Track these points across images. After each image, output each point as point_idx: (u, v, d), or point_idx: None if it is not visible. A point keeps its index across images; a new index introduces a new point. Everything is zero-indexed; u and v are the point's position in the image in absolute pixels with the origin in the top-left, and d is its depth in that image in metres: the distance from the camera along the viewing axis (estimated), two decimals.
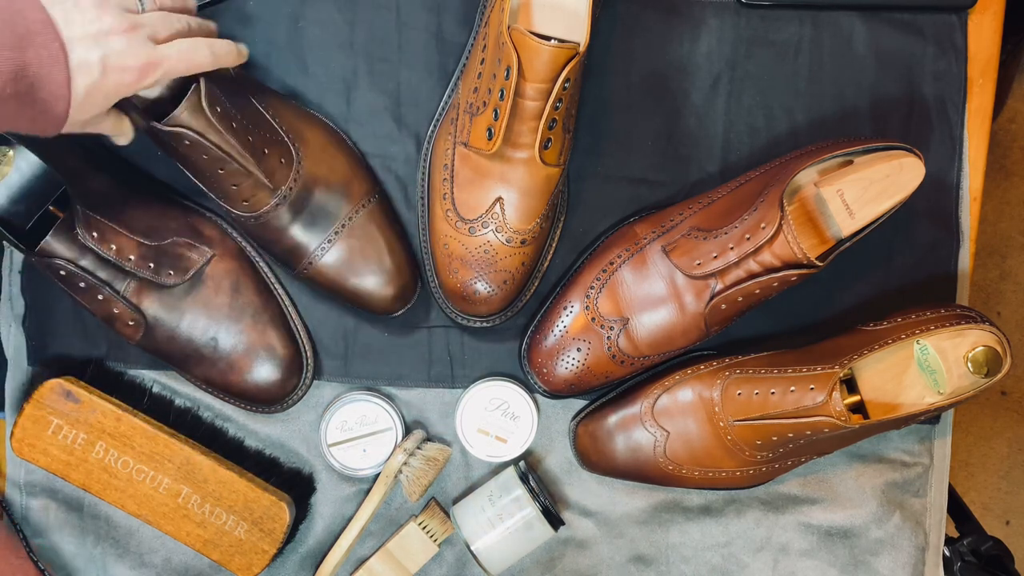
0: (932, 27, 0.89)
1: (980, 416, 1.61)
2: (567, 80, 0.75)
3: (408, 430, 0.88)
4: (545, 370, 0.85)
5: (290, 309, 0.87)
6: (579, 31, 0.78)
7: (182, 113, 0.77)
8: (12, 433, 0.83)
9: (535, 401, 0.88)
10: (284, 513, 0.84)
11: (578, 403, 0.89)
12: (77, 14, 0.65)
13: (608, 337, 0.83)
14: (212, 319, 0.83)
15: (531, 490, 0.84)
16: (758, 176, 0.84)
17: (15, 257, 0.89)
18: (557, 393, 0.86)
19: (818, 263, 0.76)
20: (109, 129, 0.73)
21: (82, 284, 0.80)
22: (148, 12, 0.70)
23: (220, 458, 0.85)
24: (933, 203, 0.89)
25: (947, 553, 0.90)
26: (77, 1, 0.65)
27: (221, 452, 0.86)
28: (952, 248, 0.89)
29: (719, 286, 0.80)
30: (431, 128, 0.88)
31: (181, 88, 0.81)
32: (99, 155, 0.86)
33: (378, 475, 0.87)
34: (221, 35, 0.88)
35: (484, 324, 0.86)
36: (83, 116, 0.66)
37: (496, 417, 0.87)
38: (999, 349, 0.79)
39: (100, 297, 0.81)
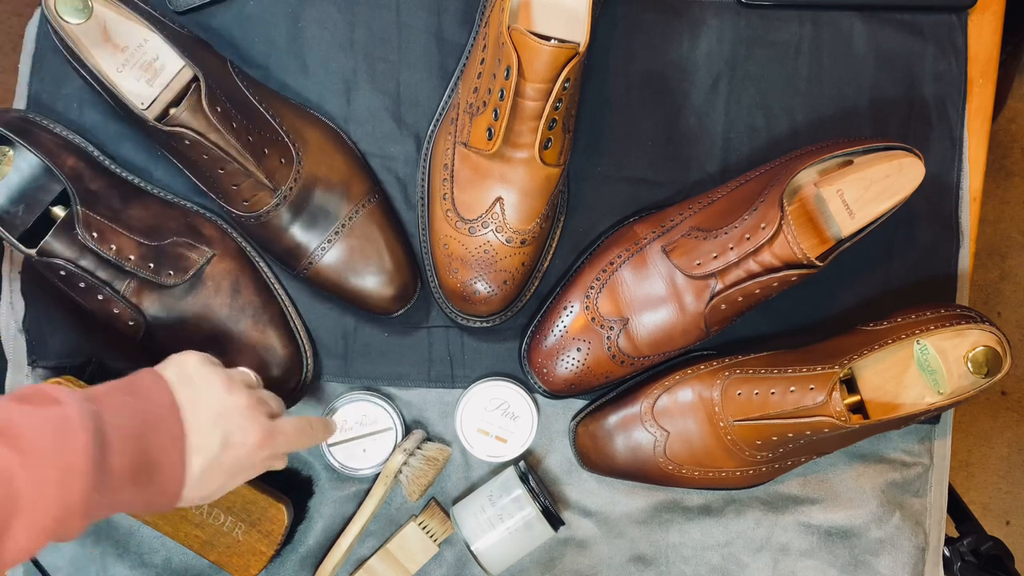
0: (932, 27, 0.89)
1: (980, 416, 1.61)
2: (567, 80, 0.75)
3: (408, 430, 0.88)
4: (545, 370, 0.85)
5: (290, 309, 0.87)
6: (579, 31, 0.78)
7: (182, 113, 0.77)
8: None
9: (535, 401, 0.88)
10: (282, 515, 0.84)
11: (578, 403, 0.89)
12: (206, 393, 0.66)
13: (608, 337, 0.83)
14: (212, 319, 0.83)
15: (531, 490, 0.84)
16: (758, 176, 0.84)
17: (15, 257, 0.89)
18: (557, 393, 0.86)
19: (818, 263, 0.76)
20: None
21: (82, 284, 0.80)
22: (262, 389, 0.73)
23: None
24: (933, 203, 0.89)
25: (947, 553, 0.90)
26: (208, 379, 0.67)
27: None
28: (952, 248, 0.89)
29: (719, 286, 0.80)
30: (431, 128, 0.88)
31: (181, 88, 0.81)
32: (99, 155, 0.86)
33: (378, 475, 0.87)
34: (221, 35, 0.88)
35: (484, 324, 0.86)
36: (199, 494, 0.66)
37: (496, 417, 0.87)
38: (999, 349, 0.79)
39: (100, 297, 0.81)
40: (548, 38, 0.75)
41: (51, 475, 0.55)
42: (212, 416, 0.66)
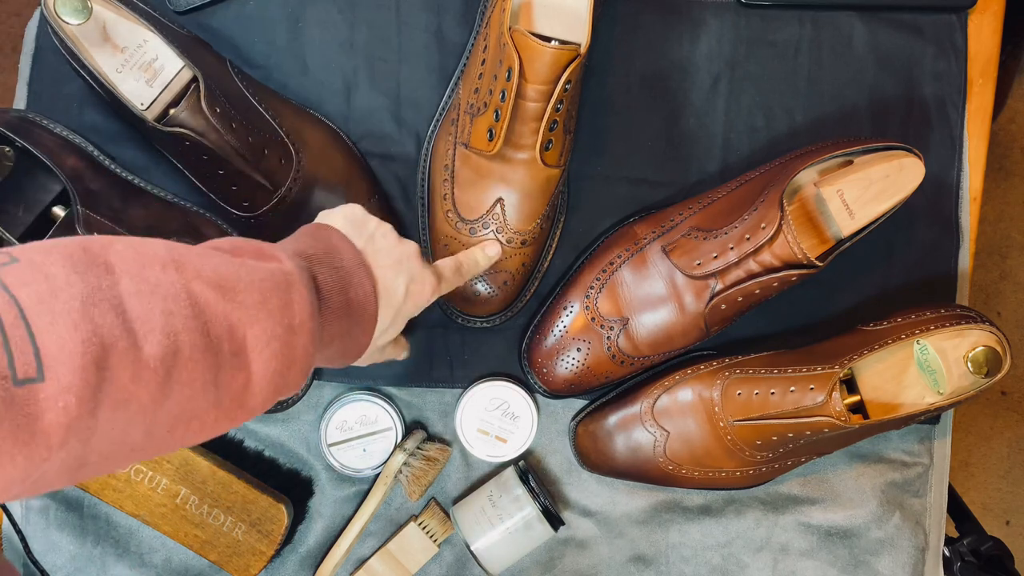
0: (932, 27, 0.89)
1: (980, 416, 1.61)
2: (568, 82, 0.75)
3: (408, 430, 0.88)
4: (545, 370, 0.85)
5: None
6: (580, 32, 0.78)
7: (182, 113, 0.77)
8: None
9: (535, 401, 0.88)
10: (282, 515, 0.84)
11: (578, 403, 0.89)
12: (382, 244, 0.68)
13: (608, 337, 0.83)
14: None
15: (531, 490, 0.84)
16: (758, 176, 0.84)
17: None
18: (557, 393, 0.86)
19: (818, 263, 0.76)
20: (391, 354, 0.78)
21: None
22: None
23: (219, 459, 0.85)
24: (933, 203, 0.89)
25: (947, 553, 0.90)
26: (381, 230, 0.69)
27: (220, 453, 0.86)
28: (952, 248, 0.89)
29: (719, 286, 0.80)
30: (431, 128, 0.88)
31: (181, 88, 0.81)
32: (99, 155, 0.86)
33: (378, 475, 0.87)
34: (221, 35, 0.88)
35: (484, 324, 0.86)
36: (382, 341, 0.69)
37: (496, 417, 0.87)
38: (999, 349, 0.79)
39: None
40: (549, 39, 0.75)
41: (276, 331, 0.55)
42: (392, 265, 0.68)
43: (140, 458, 0.51)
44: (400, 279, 0.68)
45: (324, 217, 0.70)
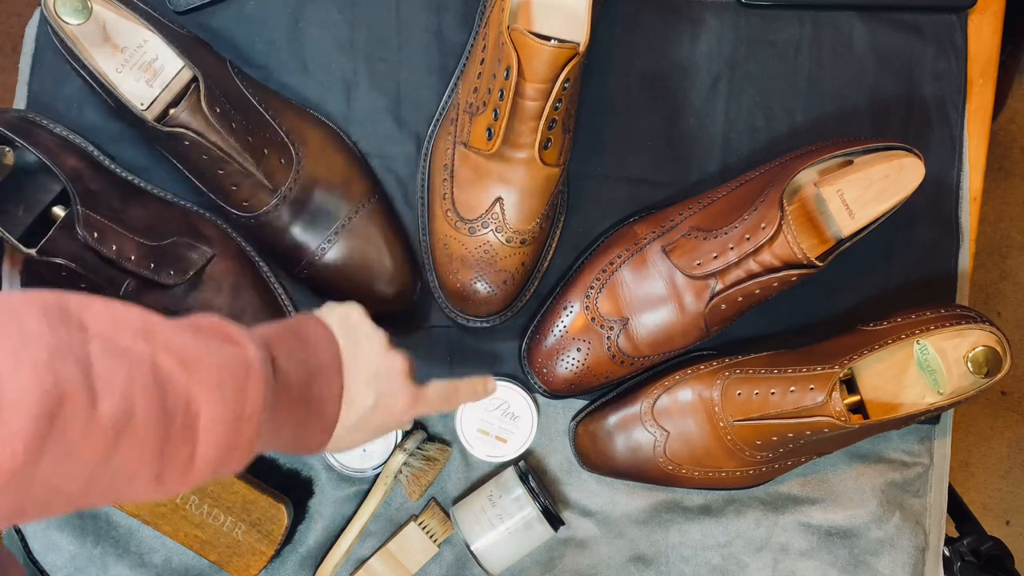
0: (932, 27, 0.89)
1: (980, 416, 1.61)
2: (567, 80, 0.75)
3: (408, 430, 0.88)
4: (545, 370, 0.85)
5: (290, 309, 0.87)
6: (579, 31, 0.78)
7: (182, 113, 0.77)
8: None
9: (535, 401, 0.88)
10: (282, 515, 0.84)
11: (578, 403, 0.89)
12: (366, 350, 0.67)
13: (608, 337, 0.83)
14: None
15: (531, 490, 0.84)
16: (758, 176, 0.84)
17: (15, 257, 0.88)
18: (557, 393, 0.86)
19: (818, 263, 0.76)
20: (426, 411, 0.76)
21: (82, 284, 0.80)
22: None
23: None
24: (933, 203, 0.89)
25: (947, 553, 0.90)
26: (369, 337, 0.68)
27: None
28: (952, 248, 0.89)
29: (719, 286, 0.80)
30: (431, 128, 0.88)
31: (181, 88, 0.81)
32: (99, 155, 0.86)
33: (378, 475, 0.87)
34: (221, 35, 0.88)
35: (484, 324, 0.86)
36: (339, 445, 0.68)
37: (496, 417, 0.87)
38: (999, 349, 0.79)
39: None
40: (548, 38, 0.75)
41: (226, 416, 0.56)
42: (369, 375, 0.67)
43: (77, 508, 0.53)
44: (371, 389, 0.67)
45: (325, 310, 0.70)
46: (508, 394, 0.87)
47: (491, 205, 0.81)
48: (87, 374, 0.49)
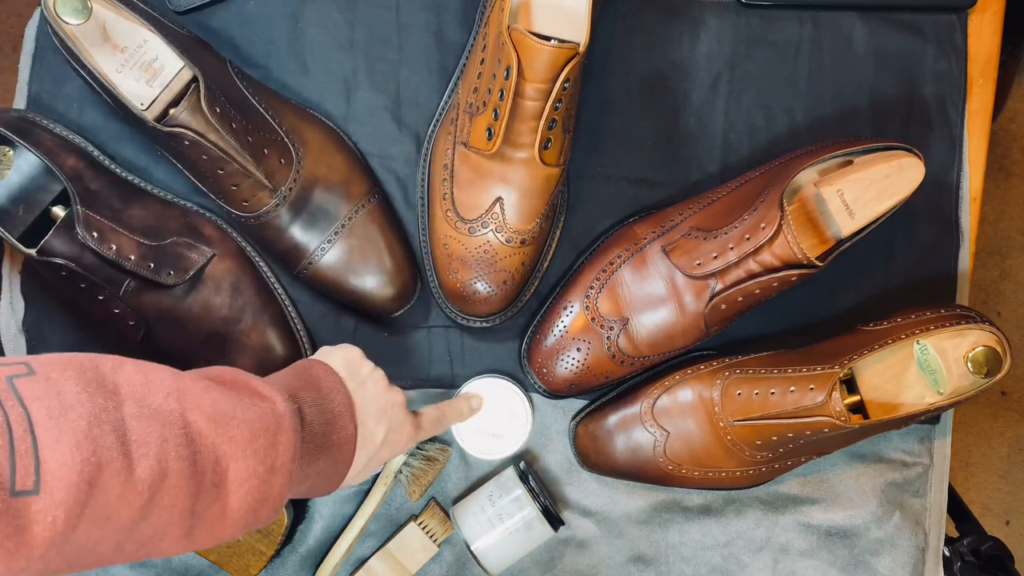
0: (932, 27, 0.89)
1: (980, 416, 1.61)
2: (567, 80, 0.75)
3: None
4: (545, 370, 0.85)
5: (290, 309, 0.87)
6: (579, 31, 0.78)
7: (182, 113, 0.77)
8: None
9: (529, 397, 0.88)
10: (282, 515, 0.84)
11: (578, 403, 0.89)
12: (371, 390, 0.71)
13: (608, 337, 0.83)
14: (212, 319, 0.83)
15: (531, 490, 0.84)
16: (758, 176, 0.84)
17: (15, 257, 0.89)
18: (557, 393, 0.86)
19: (818, 263, 0.76)
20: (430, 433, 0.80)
21: (82, 284, 0.80)
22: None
23: None
24: (933, 203, 0.89)
25: (947, 553, 0.90)
26: (373, 376, 0.72)
27: None
28: (952, 248, 0.89)
29: (719, 286, 0.80)
30: (431, 128, 0.88)
31: (181, 88, 0.81)
32: (99, 155, 0.86)
33: (378, 475, 0.87)
34: (221, 35, 0.88)
35: (484, 324, 0.86)
36: (351, 482, 0.71)
37: (491, 414, 0.87)
38: (999, 349, 0.79)
39: (100, 297, 0.81)
40: (548, 38, 0.75)
41: (258, 469, 0.58)
42: (376, 413, 0.70)
43: (101, 566, 0.54)
44: (381, 426, 0.71)
45: (324, 354, 0.72)
46: (503, 391, 0.87)
47: (491, 205, 0.81)
48: (123, 440, 0.51)
